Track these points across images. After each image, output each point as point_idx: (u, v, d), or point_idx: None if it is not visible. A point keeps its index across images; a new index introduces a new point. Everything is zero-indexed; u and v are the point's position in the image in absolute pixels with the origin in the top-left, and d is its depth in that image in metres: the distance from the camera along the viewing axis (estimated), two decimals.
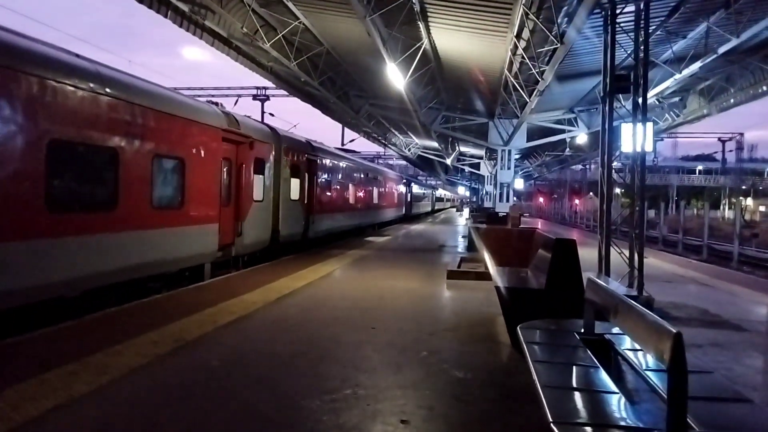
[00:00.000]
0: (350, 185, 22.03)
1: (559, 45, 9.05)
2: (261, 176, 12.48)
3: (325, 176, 18.24)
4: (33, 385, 4.22)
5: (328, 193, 18.77)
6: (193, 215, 9.55)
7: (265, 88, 39.85)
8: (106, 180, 7.52)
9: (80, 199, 7.17)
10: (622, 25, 8.94)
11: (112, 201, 7.55)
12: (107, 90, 7.41)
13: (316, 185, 16.75)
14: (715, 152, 72.85)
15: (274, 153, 13.29)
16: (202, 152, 9.78)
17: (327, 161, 18.56)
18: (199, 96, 25.67)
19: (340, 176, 20.45)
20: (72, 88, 6.78)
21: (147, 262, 8.36)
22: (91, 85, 7.14)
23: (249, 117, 13.05)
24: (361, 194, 24.25)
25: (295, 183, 14.86)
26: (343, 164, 21.15)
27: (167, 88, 9.69)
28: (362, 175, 24.67)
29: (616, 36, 8.72)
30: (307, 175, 15.95)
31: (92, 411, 3.84)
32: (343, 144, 40.53)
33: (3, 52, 6.03)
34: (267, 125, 14.10)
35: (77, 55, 7.38)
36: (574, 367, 3.55)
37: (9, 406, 3.81)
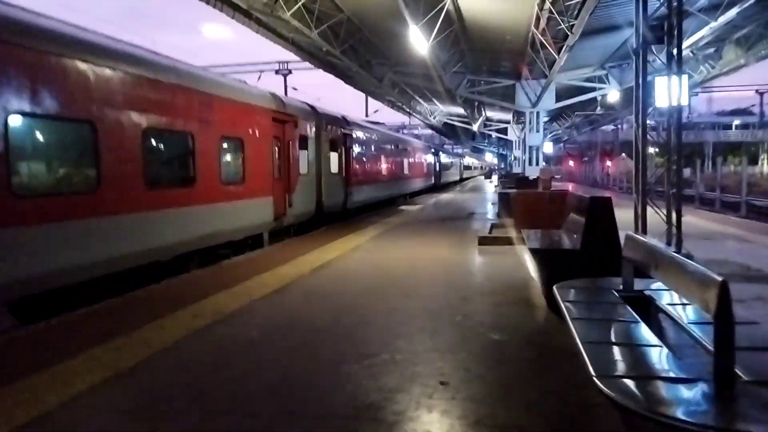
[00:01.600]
0: (383, 157, 22.90)
1: None
2: (305, 151, 13.48)
3: (360, 149, 19.05)
4: (81, 361, 4.37)
5: (364, 166, 19.64)
6: (253, 189, 10.67)
7: (287, 62, 39.78)
8: (187, 160, 8.73)
9: (168, 177, 8.47)
10: None
11: (192, 178, 8.75)
12: (182, 82, 8.49)
13: (352, 158, 17.65)
14: (753, 105, 70.14)
15: (315, 129, 14.18)
16: (257, 132, 10.90)
17: (361, 135, 19.34)
18: (223, 73, 25.74)
19: (373, 149, 21.23)
20: (157, 82, 7.90)
21: (220, 231, 9.53)
22: (173, 79, 8.27)
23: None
24: (393, 165, 24.99)
25: (334, 157, 15.78)
26: (375, 137, 21.83)
27: (225, 76, 11.11)
28: (393, 147, 25.37)
29: None
30: (343, 149, 16.75)
31: (139, 383, 3.97)
32: (366, 114, 40.30)
33: (122, 59, 7.30)
34: (306, 103, 14.68)
35: (155, 53, 8.44)
36: (614, 323, 3.51)
37: (60, 382, 3.96)
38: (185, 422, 3.34)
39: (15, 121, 5.79)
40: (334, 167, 15.77)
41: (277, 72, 40.61)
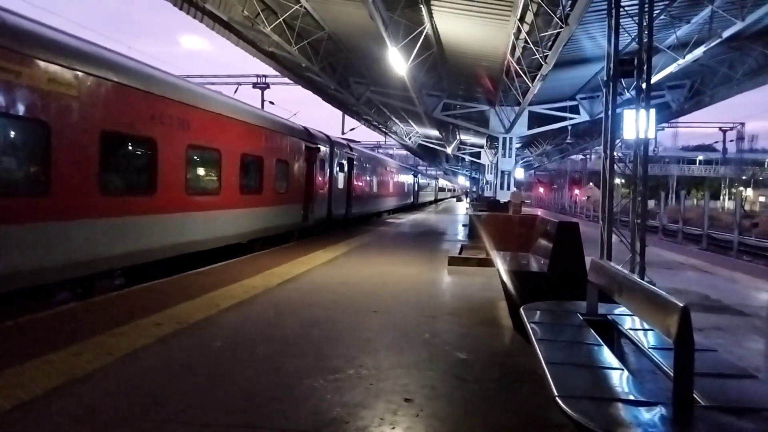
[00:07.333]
0: (375, 177, 26.66)
1: (563, 27, 8.96)
2: (322, 171, 16.99)
3: (360, 171, 22.63)
4: (37, 365, 4.22)
5: (362, 184, 23.36)
6: (292, 198, 14.45)
7: (265, 76, 39.63)
8: (257, 175, 12.29)
9: (249, 185, 11.82)
10: (626, 8, 8.85)
11: (260, 187, 12.36)
12: (257, 122, 12.28)
13: (353, 178, 21.16)
14: (716, 142, 72.71)
15: (329, 154, 17.70)
16: (296, 156, 14.68)
17: (361, 158, 22.94)
18: (200, 84, 25.58)
19: (369, 170, 24.94)
20: (248, 124, 11.75)
21: (273, 225, 13.29)
22: (257, 122, 12.27)
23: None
24: (383, 185, 28.82)
25: (341, 176, 19.28)
26: (371, 160, 25.91)
27: (277, 116, 14.86)
28: (384, 169, 29.17)
29: (620, 20, 8.64)
30: (347, 169, 20.18)
31: (95, 389, 3.84)
32: (343, 132, 40.44)
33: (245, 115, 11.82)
34: (323, 133, 17.93)
35: (250, 105, 13.19)
36: (578, 346, 3.55)
37: (14, 385, 3.81)
38: (139, 430, 3.25)
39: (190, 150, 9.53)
40: (340, 184, 19.17)
41: (254, 85, 40.45)
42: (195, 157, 9.77)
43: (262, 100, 38.83)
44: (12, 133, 6.28)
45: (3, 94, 5.87)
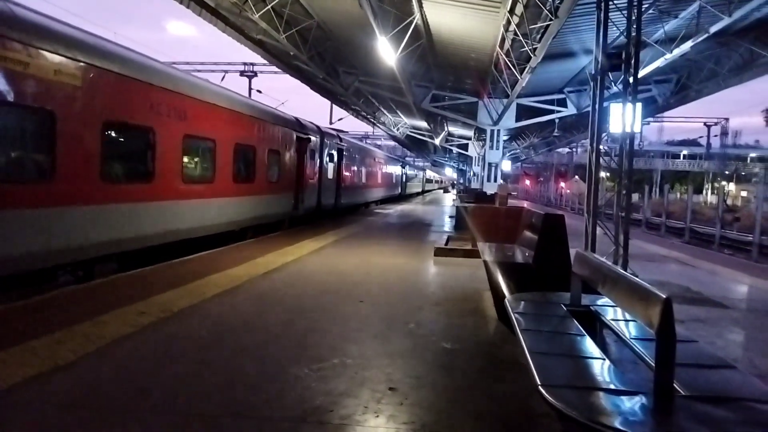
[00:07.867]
0: (364, 168, 27.08)
1: (553, 19, 8.97)
2: (312, 161, 17.31)
3: (349, 161, 23.00)
4: (18, 353, 4.17)
5: (351, 175, 23.69)
6: (283, 187, 14.75)
7: (253, 64, 39.30)
8: (250, 164, 12.54)
9: (242, 174, 12.11)
10: (615, 2, 8.88)
11: (253, 176, 12.64)
12: (252, 113, 12.64)
13: (343, 168, 21.43)
14: (700, 137, 73.43)
15: (319, 144, 17.93)
16: (287, 146, 14.96)
17: (351, 149, 23.38)
18: (187, 71, 25.27)
19: (358, 161, 25.33)
20: (241, 113, 11.99)
21: (265, 214, 13.55)
22: (251, 113, 12.59)
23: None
24: (372, 175, 29.41)
25: (330, 166, 19.56)
26: (361, 151, 26.51)
27: (269, 106, 15.19)
28: (372, 160, 29.74)
29: (609, 14, 8.66)
30: (337, 159, 20.41)
31: (77, 377, 3.81)
32: (330, 122, 40.24)
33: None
34: (314, 124, 18.18)
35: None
36: (561, 336, 3.58)
37: None
38: (124, 419, 3.23)
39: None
40: (330, 174, 19.47)
41: (242, 73, 40.08)
42: (191, 147, 10.00)
43: (250, 89, 38.52)
44: (19, 121, 6.31)
45: (13, 83, 5.95)
